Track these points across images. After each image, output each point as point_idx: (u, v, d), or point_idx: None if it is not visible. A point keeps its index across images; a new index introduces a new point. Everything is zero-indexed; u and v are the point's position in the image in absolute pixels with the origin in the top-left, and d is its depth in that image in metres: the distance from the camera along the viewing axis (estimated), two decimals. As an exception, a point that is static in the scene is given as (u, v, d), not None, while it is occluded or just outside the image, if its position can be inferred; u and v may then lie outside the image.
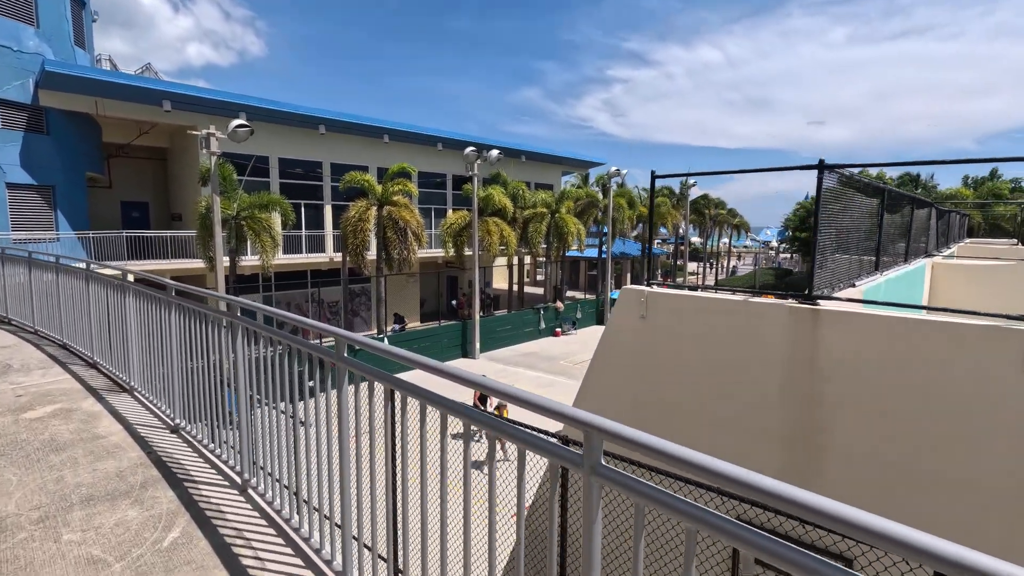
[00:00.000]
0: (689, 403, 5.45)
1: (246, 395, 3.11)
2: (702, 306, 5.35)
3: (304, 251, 21.64)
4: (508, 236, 23.44)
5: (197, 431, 3.63)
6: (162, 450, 3.51)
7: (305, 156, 21.71)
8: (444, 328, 21.44)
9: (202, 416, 3.58)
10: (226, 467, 3.25)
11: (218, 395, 3.44)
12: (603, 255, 31.00)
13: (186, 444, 3.64)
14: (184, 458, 3.41)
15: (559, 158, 32.86)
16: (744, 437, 5.19)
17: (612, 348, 6.10)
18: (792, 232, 36.05)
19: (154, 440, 3.67)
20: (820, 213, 4.83)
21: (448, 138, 25.61)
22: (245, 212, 16.59)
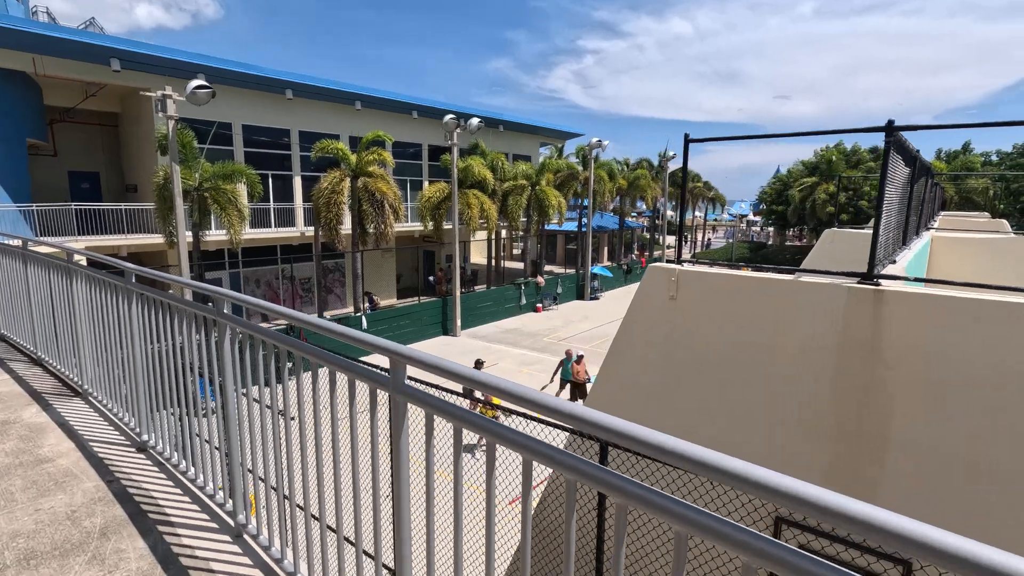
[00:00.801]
0: (723, 391, 4.96)
1: (235, 414, 2.42)
2: (743, 285, 4.81)
3: (273, 225, 20.41)
4: (489, 209, 22.63)
5: (171, 451, 2.92)
6: (126, 477, 2.79)
7: (271, 123, 20.30)
8: (424, 305, 20.68)
9: (178, 433, 2.86)
10: (213, 503, 2.56)
11: (198, 408, 2.73)
12: (583, 229, 30.47)
13: (157, 468, 2.92)
14: (156, 489, 2.70)
15: (538, 128, 31.90)
16: (786, 428, 4.73)
17: (636, 331, 5.54)
18: (768, 206, 36.13)
19: (116, 463, 2.94)
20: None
21: (424, 106, 24.40)
22: (208, 183, 15.35)
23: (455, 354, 18.75)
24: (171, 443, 2.94)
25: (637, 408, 5.55)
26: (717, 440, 5.08)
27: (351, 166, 18.37)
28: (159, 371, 2.89)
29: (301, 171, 21.27)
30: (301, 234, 20.90)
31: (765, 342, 4.74)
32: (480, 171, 22.44)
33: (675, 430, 5.77)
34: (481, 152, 25.27)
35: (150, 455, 3.04)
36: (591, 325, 23.26)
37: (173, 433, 2.93)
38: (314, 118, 21.37)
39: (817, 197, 30.52)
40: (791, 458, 4.79)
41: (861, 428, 4.34)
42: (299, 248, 21.48)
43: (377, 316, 19.13)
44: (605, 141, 27.40)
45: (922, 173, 7.98)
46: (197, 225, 15.79)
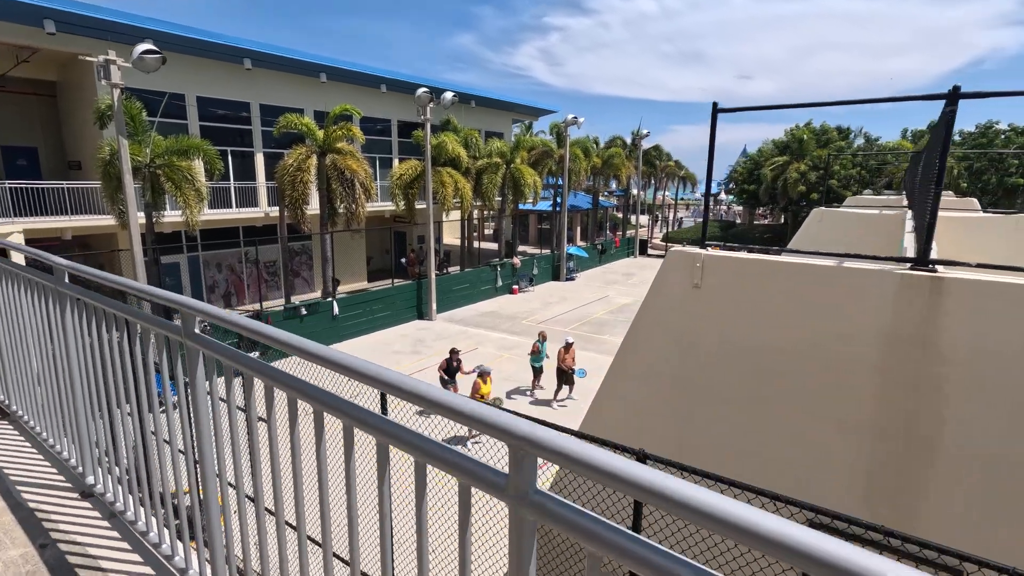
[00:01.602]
0: (751, 386, 4.54)
1: (212, 460, 1.81)
2: (778, 271, 4.36)
3: (235, 205, 19.17)
4: (463, 188, 21.82)
5: (128, 503, 2.27)
6: (67, 538, 2.14)
7: (229, 95, 18.91)
8: (398, 289, 19.88)
9: (137, 474, 2.22)
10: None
11: (162, 442, 2.09)
12: (558, 208, 29.94)
13: (108, 524, 2.27)
14: (108, 561, 2.06)
15: (511, 104, 30.99)
16: (820, 427, 4.35)
17: (655, 322, 5.06)
18: (739, 185, 36.28)
19: (53, 516, 2.28)
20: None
21: (393, 79, 23.24)
22: (161, 159, 14.12)
23: (432, 339, 18.12)
24: (124, 488, 2.29)
25: (654, 404, 5.11)
26: (741, 435, 4.69)
27: (318, 142, 17.27)
28: (105, 396, 2.22)
29: (263, 147, 19.98)
30: (265, 215, 19.73)
31: (801, 333, 4.31)
32: (454, 148, 21.57)
33: (697, 426, 5.20)
34: (453, 128, 24.32)
35: (97, 503, 2.38)
36: (569, 307, 22.89)
37: (127, 476, 2.28)
38: (276, 91, 20.04)
39: (788, 176, 30.71)
40: (824, 458, 4.43)
41: (909, 429, 3.98)
42: (263, 230, 20.29)
43: (350, 301, 18.27)
44: (580, 118, 26.77)
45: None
46: (150, 205, 14.57)
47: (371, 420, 1.21)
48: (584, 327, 19.66)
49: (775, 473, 4.56)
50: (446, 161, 21.95)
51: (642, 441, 5.20)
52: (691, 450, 4.92)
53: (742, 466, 4.68)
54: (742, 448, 4.67)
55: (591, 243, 34.72)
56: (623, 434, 5.39)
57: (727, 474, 4.68)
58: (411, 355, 16.52)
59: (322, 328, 17.21)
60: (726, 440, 4.72)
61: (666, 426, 5.05)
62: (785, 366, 4.40)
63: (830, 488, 4.37)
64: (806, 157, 31.16)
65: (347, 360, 1.22)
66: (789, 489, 4.57)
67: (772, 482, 4.59)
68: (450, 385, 12.54)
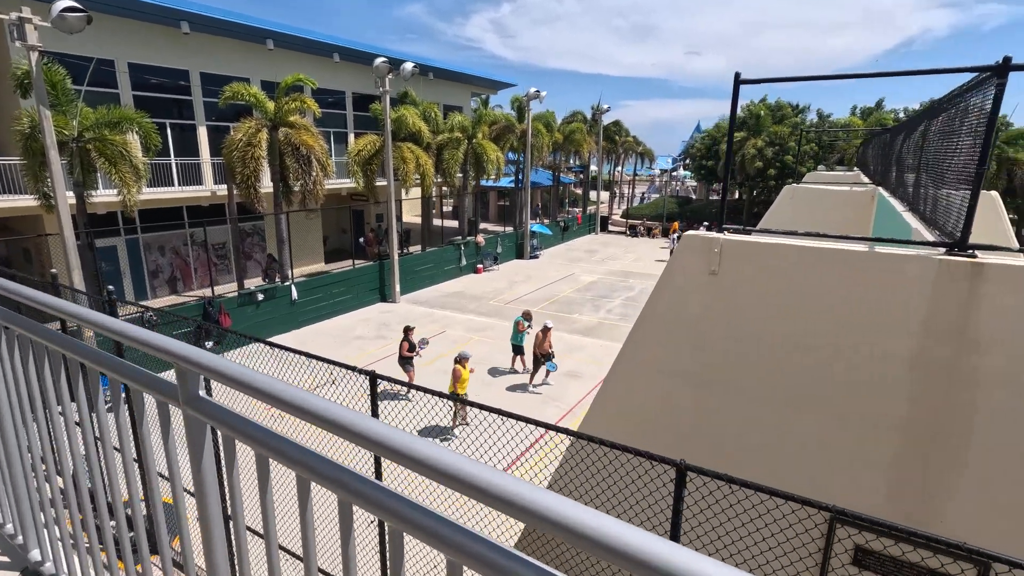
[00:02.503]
0: (774, 382, 4.29)
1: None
2: (804, 257, 4.07)
3: (177, 184, 17.73)
4: (425, 164, 20.96)
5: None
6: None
7: (166, 63, 17.29)
8: (360, 270, 19.01)
9: (94, 539, 1.68)
10: None
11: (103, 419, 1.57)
12: (520, 185, 29.40)
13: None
14: None
15: (469, 77, 29.98)
16: (848, 423, 4.15)
17: (666, 312, 4.72)
18: (698, 160, 36.64)
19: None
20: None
21: (347, 48, 21.90)
22: (91, 133, 12.73)
23: (397, 322, 17.46)
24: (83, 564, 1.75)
25: (666, 401, 4.82)
26: (759, 431, 4.46)
27: (268, 115, 16.06)
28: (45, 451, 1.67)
29: (207, 120, 18.48)
30: (212, 193, 18.36)
31: (828, 323, 4.06)
32: (415, 122, 20.61)
33: (712, 423, 4.46)
34: (412, 102, 23.24)
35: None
36: (535, 286, 22.59)
37: (86, 549, 1.75)
38: (218, 58, 18.48)
39: (746, 152, 31.15)
40: (847, 454, 4.25)
41: (940, 424, 3.81)
42: (211, 210, 18.92)
43: (309, 284, 17.32)
44: (543, 91, 26.12)
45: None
46: (80, 184, 13.18)
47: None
48: (552, 306, 19.42)
49: (794, 470, 4.36)
50: (406, 136, 20.98)
51: (653, 440, 4.91)
52: (705, 447, 4.67)
53: (759, 463, 4.47)
54: (760, 444, 4.44)
55: (553, 220, 34.44)
56: (631, 433, 5.09)
57: (743, 472, 4.46)
58: (376, 340, 15.85)
59: (280, 314, 16.27)
60: (743, 437, 4.48)
61: (679, 423, 4.77)
62: (808, 358, 4.15)
63: (853, 485, 4.20)
64: (763, 133, 31.63)
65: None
66: (808, 486, 4.38)
67: (790, 479, 4.39)
68: (408, 371, 12.12)
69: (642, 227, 37.20)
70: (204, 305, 14.41)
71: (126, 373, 1.38)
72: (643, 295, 21.14)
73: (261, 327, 15.77)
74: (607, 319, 18.00)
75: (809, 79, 4.23)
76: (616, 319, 18.01)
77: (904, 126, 8.17)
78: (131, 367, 1.38)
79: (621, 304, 19.85)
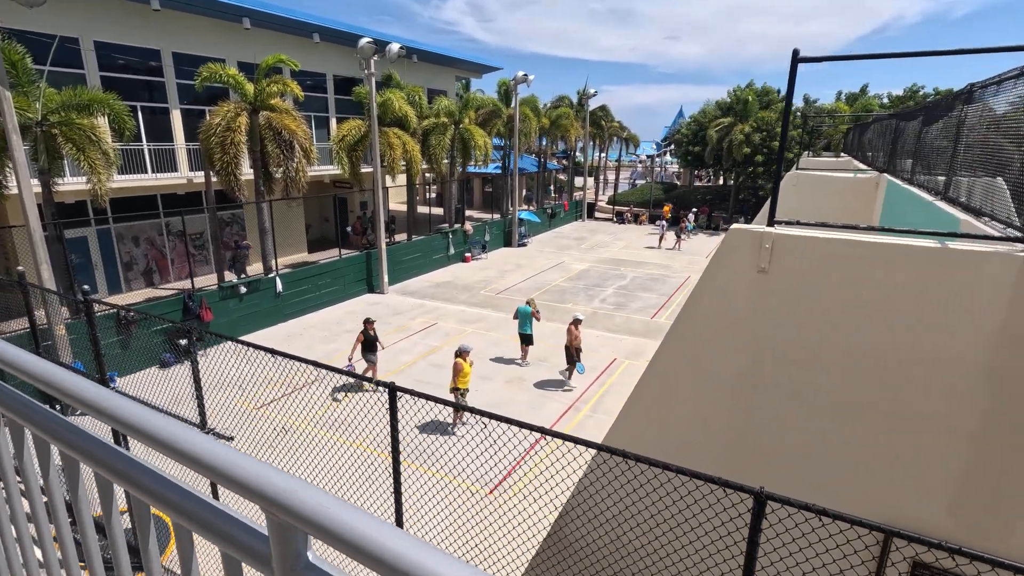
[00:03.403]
0: (829, 388, 3.96)
1: None
2: (868, 253, 3.73)
3: (150, 170, 16.81)
4: (412, 150, 20.28)
5: None
6: None
7: (135, 41, 16.28)
8: (346, 261, 18.37)
9: None
10: None
11: None
12: (509, 171, 28.84)
13: None
14: None
15: (454, 60, 29.12)
16: (910, 432, 3.84)
17: (708, 313, 4.35)
18: (685, 146, 36.39)
19: None
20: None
21: (328, 28, 20.96)
22: (56, 116, 11.86)
23: (387, 315, 16.94)
24: None
25: (704, 408, 4.48)
26: (811, 441, 4.15)
27: (248, 98, 15.23)
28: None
29: (181, 103, 17.53)
30: (188, 180, 17.48)
31: (891, 325, 3.74)
32: (401, 107, 19.88)
33: (756, 431, 3.82)
34: (396, 85, 22.45)
35: None
36: (526, 275, 22.19)
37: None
38: (191, 38, 17.48)
39: (734, 138, 30.98)
40: (905, 465, 3.96)
41: (1016, 437, 3.53)
42: (186, 198, 18.04)
43: (295, 276, 16.65)
44: (531, 75, 25.51)
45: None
46: (46, 172, 12.31)
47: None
48: (545, 296, 19.05)
49: (847, 480, 4.06)
50: (392, 121, 20.25)
51: (690, 451, 4.57)
52: (747, 457, 4.35)
53: (808, 473, 4.16)
54: (810, 453, 4.12)
55: (540, 207, 33.97)
56: (665, 443, 4.75)
57: (789, 483, 4.14)
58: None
59: (265, 307, 15.62)
60: (792, 446, 4.16)
61: (719, 432, 4.44)
62: (869, 362, 3.83)
63: (911, 496, 3.92)
64: (750, 118, 31.46)
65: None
66: (862, 497, 4.09)
67: (842, 490, 4.10)
68: (371, 363, 11.77)
69: (629, 214, 36.96)
70: (184, 299, 13.70)
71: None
72: (635, 283, 20.92)
73: (245, 321, 15.11)
74: (601, 308, 17.71)
75: (867, 57, 3.86)
76: (611, 308, 17.72)
77: (929, 110, 7.85)
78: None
79: (614, 293, 19.57)
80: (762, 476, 4.31)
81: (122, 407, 0.81)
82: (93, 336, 5.80)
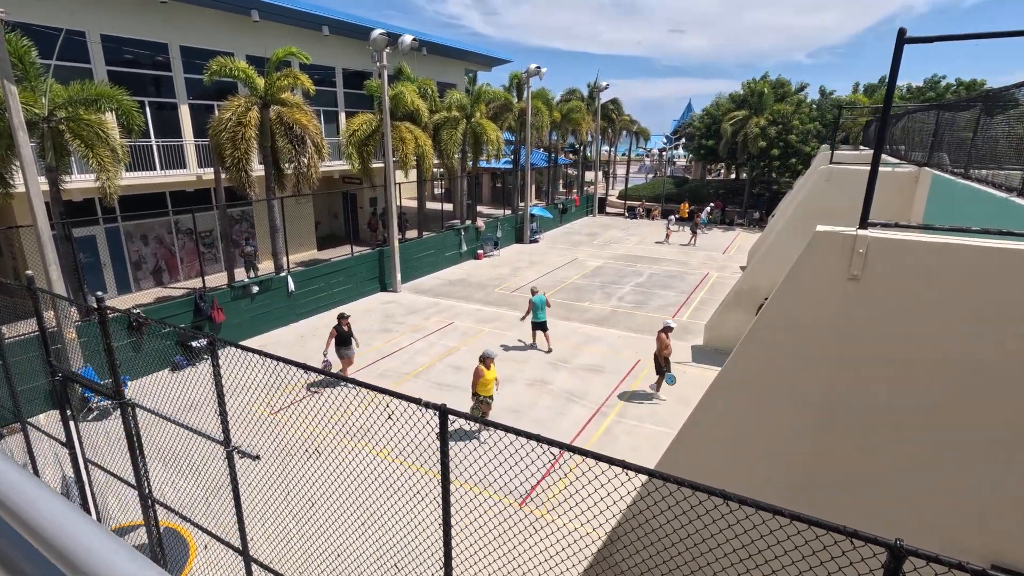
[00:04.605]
0: (936, 409, 3.53)
1: None
2: (987, 260, 3.29)
3: (159, 167, 16.45)
4: (424, 145, 19.83)
5: None
6: None
7: (142, 35, 15.89)
8: (358, 259, 17.98)
9: None
10: None
11: None
12: (521, 166, 28.37)
13: None
14: None
15: (464, 52, 28.63)
16: (1014, 448, 3.42)
17: (788, 328, 3.92)
18: (698, 140, 35.77)
19: None
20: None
21: (337, 20, 20.49)
22: (64, 111, 11.49)
23: (402, 313, 16.56)
24: None
25: (782, 431, 4.06)
26: (913, 467, 3.72)
27: (258, 92, 14.82)
28: None
29: (189, 98, 17.14)
30: (198, 177, 17.12)
31: (1012, 339, 3.31)
32: (413, 100, 19.43)
33: (844, 457, 3.11)
34: (407, 78, 22.00)
35: None
36: (540, 272, 21.77)
37: None
38: (200, 31, 17.08)
39: (749, 131, 30.35)
40: (1011, 491, 3.55)
41: None
42: (194, 195, 17.69)
43: (307, 274, 16.28)
44: (543, 68, 24.99)
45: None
46: (53, 169, 11.95)
47: None
48: (562, 294, 18.63)
49: (949, 509, 3.63)
50: (403, 115, 19.81)
51: (762, 481, 4.15)
52: (832, 486, 3.92)
53: (902, 503, 3.73)
54: (905, 481, 3.70)
55: (551, 202, 33.48)
56: (731, 473, 4.33)
57: (882, 518, 3.73)
58: (381, 333, 14.94)
59: (277, 307, 15.26)
60: (887, 472, 3.74)
61: (797, 460, 4.01)
62: (982, 381, 3.40)
63: (1018, 528, 3.50)
64: (766, 111, 30.83)
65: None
66: (968, 530, 3.67)
67: (940, 524, 3.68)
68: (347, 358, 11.57)
69: (641, 208, 36.42)
70: (195, 299, 13.35)
71: None
72: (652, 280, 20.46)
73: (258, 322, 14.76)
74: (620, 307, 17.27)
75: (980, 36, 3.41)
76: (629, 307, 17.28)
77: (991, 100, 7.31)
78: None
79: (632, 291, 19.13)
80: (849, 511, 3.90)
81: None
82: (107, 346, 5.42)
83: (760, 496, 3.87)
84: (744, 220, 33.26)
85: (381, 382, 11.83)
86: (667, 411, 10.69)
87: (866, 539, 2.41)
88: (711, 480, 4.17)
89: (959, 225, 3.55)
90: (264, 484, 7.34)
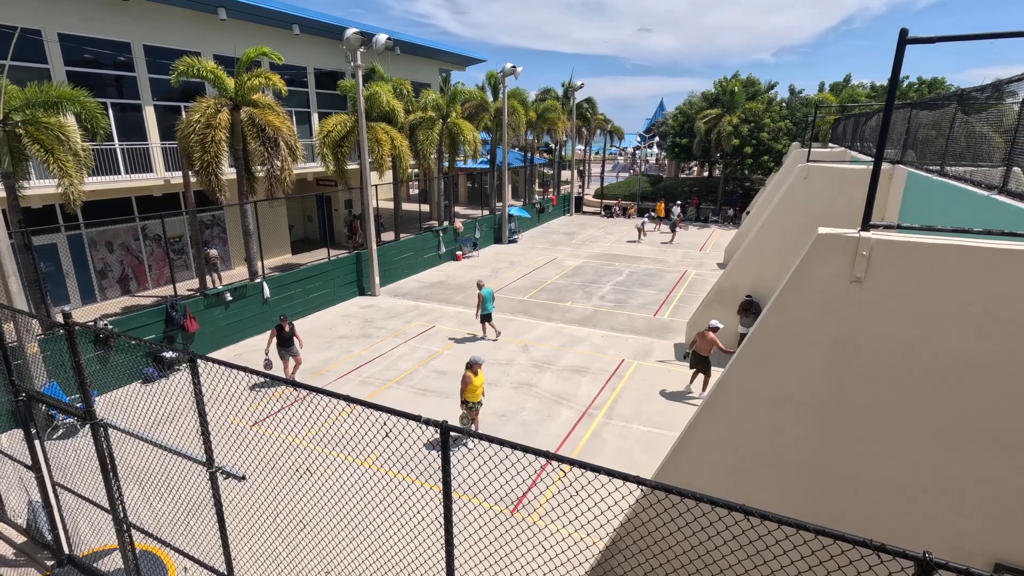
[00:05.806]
0: (941, 413, 3.52)
1: None
2: (992, 261, 3.28)
3: (124, 171, 15.81)
4: (401, 146, 19.53)
5: None
6: None
7: (103, 34, 15.23)
8: (335, 263, 17.59)
9: None
10: None
11: None
12: (498, 166, 28.22)
13: None
14: None
15: (438, 51, 28.31)
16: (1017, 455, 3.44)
17: (790, 332, 3.87)
18: (672, 138, 36.13)
19: None
20: None
21: (308, 19, 20.01)
22: (21, 114, 10.92)
23: (381, 318, 16.27)
24: None
25: (785, 437, 4.02)
26: (915, 472, 3.72)
27: (228, 93, 14.35)
28: None
29: (154, 99, 16.52)
30: (165, 182, 16.51)
31: (1012, 343, 3.32)
32: (389, 101, 19.10)
33: (850, 463, 3.04)
34: (381, 78, 21.64)
35: None
36: (520, 272, 21.66)
37: None
38: (164, 29, 16.47)
39: (722, 129, 30.78)
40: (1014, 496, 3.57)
41: None
42: (162, 200, 17.07)
43: (282, 280, 15.85)
44: (519, 67, 24.89)
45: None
46: (10, 175, 11.35)
47: None
48: (543, 294, 18.56)
49: (954, 514, 3.64)
50: (379, 116, 19.47)
51: (764, 488, 4.11)
52: (839, 491, 3.90)
53: (912, 508, 3.73)
54: (916, 486, 3.69)
55: (528, 202, 33.41)
56: (735, 477, 4.28)
57: (890, 524, 3.72)
58: (361, 339, 14.64)
59: (252, 314, 14.81)
60: (893, 478, 3.72)
61: (801, 466, 3.97)
62: (988, 384, 3.40)
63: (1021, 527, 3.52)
64: (738, 109, 31.30)
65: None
66: (972, 526, 3.68)
67: (948, 520, 3.68)
68: (290, 358, 11.53)
69: (617, 207, 36.63)
70: (166, 308, 12.85)
71: None
72: (632, 279, 20.54)
73: (232, 330, 14.30)
74: (602, 306, 17.28)
75: (981, 37, 3.41)
76: (611, 306, 17.31)
77: (965, 99, 7.44)
78: None
79: (612, 289, 19.17)
80: (855, 514, 3.89)
81: None
82: (77, 364, 5.12)
83: (764, 499, 3.83)
84: (719, 217, 33.71)
85: (364, 390, 11.57)
86: (654, 411, 10.70)
87: (894, 553, 2.35)
88: (714, 484, 4.12)
89: (960, 226, 3.56)
90: (248, 502, 7.06)
